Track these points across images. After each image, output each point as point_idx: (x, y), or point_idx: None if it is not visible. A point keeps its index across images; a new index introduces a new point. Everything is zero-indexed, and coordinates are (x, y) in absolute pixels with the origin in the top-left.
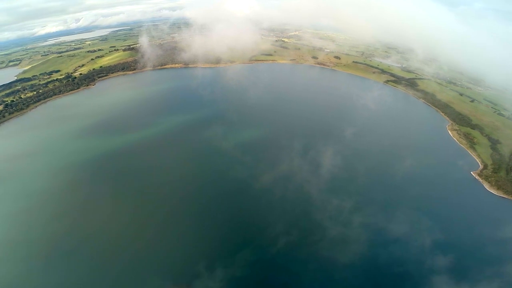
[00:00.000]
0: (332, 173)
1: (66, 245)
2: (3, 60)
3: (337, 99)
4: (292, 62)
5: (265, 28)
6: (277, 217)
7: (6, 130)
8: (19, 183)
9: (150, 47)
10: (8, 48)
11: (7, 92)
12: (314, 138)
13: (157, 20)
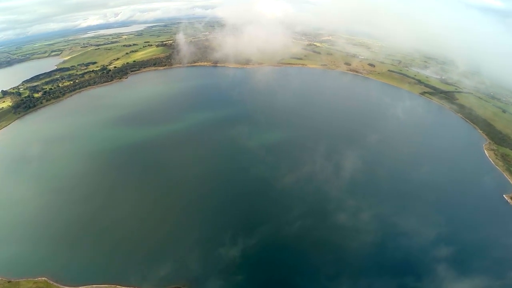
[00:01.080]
0: (353, 178)
1: (90, 229)
2: (46, 50)
3: (367, 107)
4: (323, 68)
5: (298, 32)
6: (294, 218)
7: (42, 115)
8: (51, 165)
9: (182, 44)
10: (52, 39)
11: (47, 80)
12: (338, 143)
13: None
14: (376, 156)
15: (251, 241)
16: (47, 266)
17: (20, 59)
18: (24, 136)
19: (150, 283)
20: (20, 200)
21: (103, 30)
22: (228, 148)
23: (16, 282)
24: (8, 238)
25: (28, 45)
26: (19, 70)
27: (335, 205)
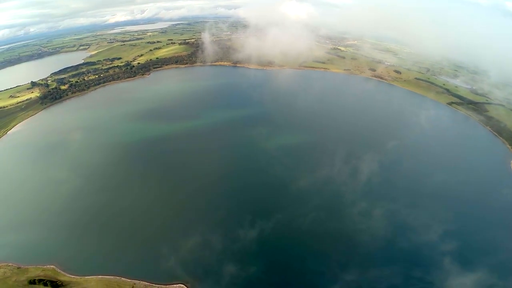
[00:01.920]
0: (368, 181)
1: (102, 220)
2: (75, 44)
3: (389, 113)
4: (346, 72)
5: (322, 35)
6: (308, 216)
7: (67, 106)
8: (71, 154)
9: (205, 43)
10: (81, 33)
11: (74, 73)
12: (357, 148)
13: (213, 17)
14: (394, 162)
15: (263, 239)
16: (56, 255)
17: (50, 52)
18: (48, 125)
19: (155, 277)
20: (36, 187)
21: (129, 26)
22: (245, 147)
23: (25, 268)
24: (21, 225)
25: (59, 39)
26: (49, 63)
27: (349, 203)
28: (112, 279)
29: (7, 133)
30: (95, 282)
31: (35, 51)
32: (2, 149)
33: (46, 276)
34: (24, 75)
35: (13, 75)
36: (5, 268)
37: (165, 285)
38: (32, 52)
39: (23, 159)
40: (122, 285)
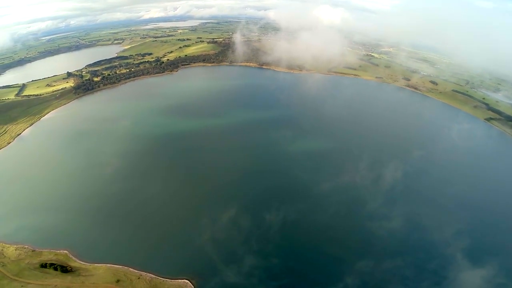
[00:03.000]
0: (389, 188)
1: (119, 209)
2: (110, 38)
3: (419, 125)
4: (378, 80)
5: (355, 41)
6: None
7: (98, 98)
8: (97, 142)
9: (233, 43)
10: (117, 28)
11: (107, 66)
12: (381, 156)
13: (242, 18)
14: (417, 171)
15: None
16: (70, 240)
17: (87, 45)
18: (78, 114)
19: (162, 271)
20: (61, 172)
21: (162, 23)
22: (268, 148)
23: (39, 252)
24: (42, 208)
25: (96, 32)
26: (85, 55)
27: (368, 204)
28: (120, 268)
29: (40, 119)
30: (103, 270)
31: (73, 43)
32: (34, 134)
33: (58, 261)
34: (61, 66)
35: (52, 65)
36: (20, 250)
37: (170, 280)
38: (70, 44)
39: (51, 145)
40: (128, 275)
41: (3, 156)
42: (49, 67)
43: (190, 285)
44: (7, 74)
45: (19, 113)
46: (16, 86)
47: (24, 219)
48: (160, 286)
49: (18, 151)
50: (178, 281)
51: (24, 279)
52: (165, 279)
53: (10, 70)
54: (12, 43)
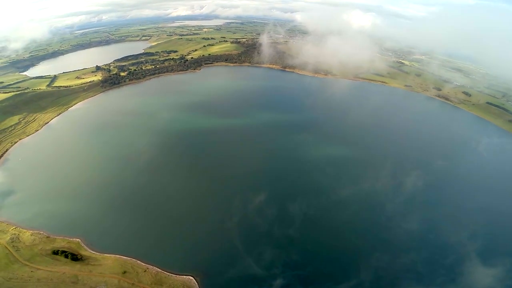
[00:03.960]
0: (409, 197)
1: (135, 202)
2: (138, 34)
3: (445, 136)
4: (406, 89)
5: (386, 48)
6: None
7: (123, 92)
8: (119, 134)
9: (256, 44)
10: (145, 24)
11: (133, 62)
12: (403, 166)
13: (268, 19)
14: (440, 182)
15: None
16: (84, 229)
17: (116, 40)
18: (104, 107)
19: (168, 266)
20: (82, 162)
21: (188, 21)
22: (289, 151)
23: (53, 238)
24: (61, 196)
25: (125, 28)
26: (114, 50)
27: (386, 207)
28: (128, 260)
29: (68, 110)
30: (111, 260)
31: (103, 38)
32: (61, 123)
33: (69, 249)
34: (91, 59)
35: (82, 58)
36: (36, 235)
37: (175, 275)
38: (101, 39)
39: (75, 135)
40: (135, 268)
41: (30, 142)
42: (80, 60)
43: (194, 282)
44: (41, 65)
45: (49, 103)
46: (48, 77)
47: (43, 205)
48: (165, 280)
49: (44, 139)
50: (182, 277)
51: (35, 264)
52: (170, 274)
53: (44, 62)
54: (50, 36)
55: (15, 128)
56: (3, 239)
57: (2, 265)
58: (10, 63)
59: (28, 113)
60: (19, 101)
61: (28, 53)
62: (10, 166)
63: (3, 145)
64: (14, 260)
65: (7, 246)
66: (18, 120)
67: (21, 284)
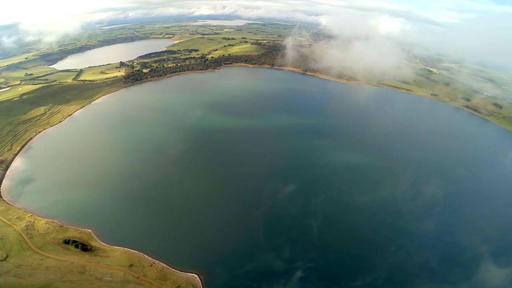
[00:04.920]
0: (427, 206)
1: (148, 196)
2: (162, 31)
3: (471, 149)
4: (432, 98)
5: (414, 54)
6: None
7: (145, 88)
8: (139, 129)
9: (277, 46)
10: (169, 22)
11: (156, 59)
12: (423, 176)
13: (290, 21)
14: (462, 192)
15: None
16: (96, 220)
17: (141, 37)
18: (125, 102)
19: (174, 262)
20: (102, 154)
21: (210, 20)
22: (307, 156)
23: (66, 228)
24: (78, 186)
25: (150, 25)
26: (138, 46)
27: (404, 213)
28: (135, 253)
29: (91, 103)
30: (119, 253)
31: (129, 35)
32: (83, 116)
33: (80, 239)
34: (116, 55)
35: (108, 54)
36: (50, 224)
37: (180, 271)
38: (126, 35)
39: (97, 127)
40: (142, 261)
41: (53, 132)
42: (105, 56)
43: (198, 280)
44: (68, 59)
45: (73, 96)
46: (75, 71)
47: (60, 194)
48: (170, 276)
49: (67, 130)
50: (187, 274)
51: (46, 252)
52: (175, 270)
53: (72, 56)
54: (81, 31)
55: (40, 119)
56: (19, 226)
57: (14, 252)
58: (41, 56)
59: (54, 105)
60: (46, 92)
61: (57, 47)
62: (32, 154)
63: (28, 134)
64: (26, 247)
65: (22, 233)
66: (43, 111)
67: (29, 271)
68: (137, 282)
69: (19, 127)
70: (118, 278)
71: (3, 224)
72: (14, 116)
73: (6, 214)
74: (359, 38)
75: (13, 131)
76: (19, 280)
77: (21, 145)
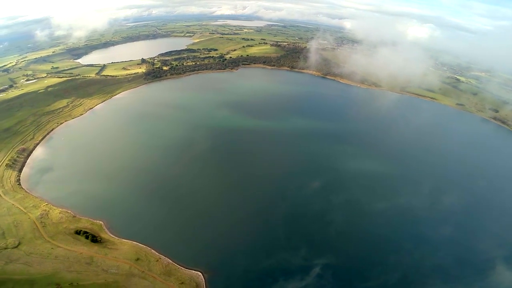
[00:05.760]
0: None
1: (162, 189)
2: (183, 30)
3: (494, 162)
4: (457, 108)
5: (441, 62)
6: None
7: (164, 85)
8: (157, 125)
9: (297, 48)
10: (190, 21)
11: (176, 57)
12: (442, 185)
13: (312, 24)
14: (482, 202)
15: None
16: (108, 212)
17: (162, 35)
18: (144, 98)
19: (180, 258)
20: (119, 148)
21: (230, 20)
22: (323, 160)
23: (78, 218)
24: (92, 178)
25: (171, 24)
26: (159, 44)
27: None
28: (143, 248)
29: (112, 97)
30: (128, 246)
31: (151, 32)
32: (104, 110)
33: (91, 230)
34: (138, 52)
35: (130, 50)
36: (64, 214)
37: (185, 268)
38: (149, 33)
39: (116, 122)
40: (149, 256)
41: (74, 124)
42: (128, 52)
43: (202, 278)
44: (93, 54)
45: (95, 90)
46: (98, 66)
47: (76, 185)
48: (174, 272)
49: (87, 123)
50: (191, 272)
51: (56, 242)
52: (180, 267)
53: (96, 51)
54: (108, 26)
55: (62, 111)
56: (34, 214)
57: (27, 240)
58: (67, 50)
59: (76, 98)
60: (70, 86)
61: (83, 42)
62: (53, 145)
63: (50, 125)
64: (38, 235)
65: (36, 222)
66: (66, 103)
67: (39, 259)
68: (142, 276)
69: (42, 118)
70: (123, 271)
71: (19, 212)
72: (39, 107)
73: (23, 202)
74: (385, 44)
75: (36, 121)
76: (27, 268)
77: (43, 135)
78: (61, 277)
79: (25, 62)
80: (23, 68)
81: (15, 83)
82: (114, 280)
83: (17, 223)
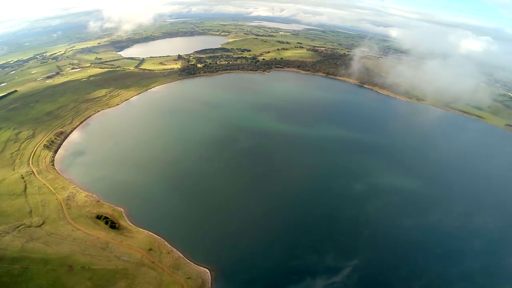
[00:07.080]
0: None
1: (185, 183)
2: (219, 29)
3: None
4: (506, 128)
5: (495, 78)
6: None
7: (197, 82)
8: (188, 119)
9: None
10: (226, 20)
11: (210, 55)
12: (476, 208)
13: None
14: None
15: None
16: (130, 200)
17: (199, 32)
18: (178, 93)
19: (190, 253)
20: (150, 139)
21: (266, 22)
22: (351, 171)
23: (101, 204)
24: (120, 165)
25: (208, 22)
26: (196, 41)
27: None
28: (157, 238)
29: (147, 90)
30: (143, 236)
31: (189, 29)
32: (139, 102)
33: (112, 216)
34: (175, 48)
35: (168, 46)
36: (89, 197)
37: (193, 264)
38: (187, 30)
39: (149, 114)
40: (161, 247)
41: (110, 113)
42: (166, 47)
43: (209, 275)
44: (133, 48)
45: (133, 82)
46: (137, 59)
47: (104, 170)
48: (183, 266)
49: (122, 113)
50: (200, 268)
51: (78, 224)
52: (189, 262)
53: (137, 45)
54: (153, 21)
55: (101, 99)
56: (61, 195)
57: (50, 220)
58: (111, 43)
59: (114, 88)
60: (110, 77)
61: (127, 35)
62: (88, 131)
63: (88, 112)
64: (62, 217)
65: (62, 203)
66: (105, 93)
67: (58, 240)
68: (151, 266)
69: (81, 105)
70: (135, 259)
71: (48, 192)
72: (79, 94)
73: (53, 182)
74: (434, 56)
75: (76, 107)
76: (45, 248)
77: (80, 121)
78: (75, 259)
79: (72, 51)
80: (70, 57)
81: (61, 71)
82: (124, 267)
83: (44, 203)
